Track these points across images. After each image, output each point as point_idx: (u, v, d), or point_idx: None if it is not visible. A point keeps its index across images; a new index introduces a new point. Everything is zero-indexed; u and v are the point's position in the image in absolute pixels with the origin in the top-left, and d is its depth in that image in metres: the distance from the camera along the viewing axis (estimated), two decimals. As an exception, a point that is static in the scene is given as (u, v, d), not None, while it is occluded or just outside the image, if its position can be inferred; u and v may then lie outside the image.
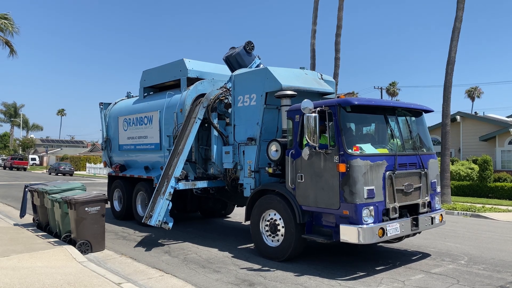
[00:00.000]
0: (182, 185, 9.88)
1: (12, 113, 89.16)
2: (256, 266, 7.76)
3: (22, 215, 11.93)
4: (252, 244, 9.07)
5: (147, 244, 9.77)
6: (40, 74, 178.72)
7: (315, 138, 7.11)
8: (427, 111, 8.62)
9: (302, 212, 7.65)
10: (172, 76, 11.60)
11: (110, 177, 13.83)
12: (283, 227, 7.98)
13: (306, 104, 7.22)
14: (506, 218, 14.60)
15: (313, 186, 7.44)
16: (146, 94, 12.85)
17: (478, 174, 21.82)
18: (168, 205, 9.38)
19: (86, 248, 8.50)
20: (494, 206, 17.32)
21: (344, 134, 7.13)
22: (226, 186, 9.93)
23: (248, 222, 8.87)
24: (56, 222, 9.73)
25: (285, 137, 8.45)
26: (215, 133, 9.88)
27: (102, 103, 14.25)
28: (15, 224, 11.85)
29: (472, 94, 75.96)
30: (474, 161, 23.16)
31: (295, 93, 8.59)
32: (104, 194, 8.93)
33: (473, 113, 34.97)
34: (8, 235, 10.05)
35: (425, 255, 8.56)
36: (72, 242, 8.88)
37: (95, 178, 44.37)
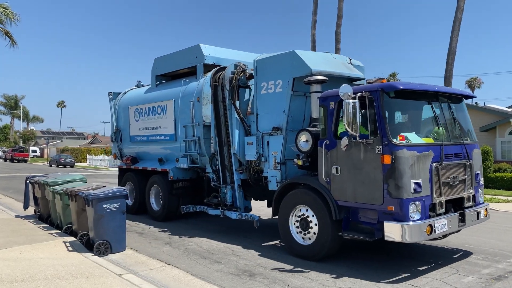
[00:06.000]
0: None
1: (13, 105, 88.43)
2: (256, 257, 7.74)
3: (25, 207, 11.98)
4: (251, 236, 9.12)
5: (148, 235, 9.70)
6: (40, 66, 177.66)
7: (355, 126, 6.48)
8: (468, 97, 7.97)
9: (338, 208, 7.04)
10: (187, 63, 10.94)
11: (121, 170, 13.20)
12: (316, 224, 7.37)
13: (345, 89, 6.58)
14: (506, 208, 14.37)
15: (352, 179, 6.82)
16: (158, 82, 12.19)
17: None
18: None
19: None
20: (494, 197, 17.19)
21: (388, 122, 6.49)
22: (248, 178, 9.30)
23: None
24: (57, 214, 9.69)
25: (315, 126, 7.84)
26: (237, 121, 9.20)
27: (111, 92, 13.60)
28: (16, 216, 11.76)
29: (472, 84, 74.87)
30: (475, 152, 22.50)
31: (326, 78, 7.94)
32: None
33: (473, 103, 34.34)
34: (10, 227, 10.08)
35: (466, 253, 7.96)
36: (73, 234, 8.81)
37: (96, 170, 44.45)
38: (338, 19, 26.60)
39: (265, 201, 10.19)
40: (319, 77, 7.88)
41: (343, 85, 6.67)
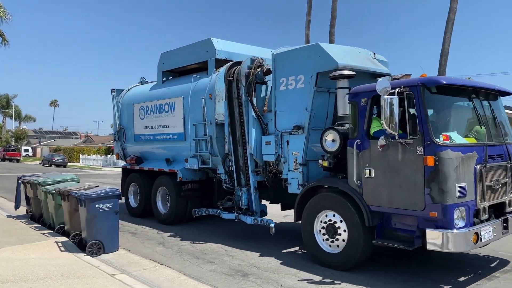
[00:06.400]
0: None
1: (4, 104, 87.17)
2: (249, 257, 7.70)
3: (17, 206, 11.83)
4: (246, 237, 9.13)
5: (141, 235, 9.63)
6: (33, 64, 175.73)
7: (394, 125, 5.92)
8: (508, 94, 7.43)
9: (371, 214, 6.48)
10: (197, 57, 10.33)
11: (125, 170, 12.54)
12: (345, 230, 6.81)
13: (383, 84, 6.03)
14: None
15: (387, 182, 6.26)
16: (164, 79, 11.56)
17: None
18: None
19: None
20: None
21: (429, 120, 5.94)
22: (265, 180, 8.70)
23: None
24: (49, 214, 9.62)
25: (342, 125, 7.29)
26: (254, 119, 8.62)
27: (114, 89, 12.94)
28: (8, 216, 11.62)
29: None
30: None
31: (354, 73, 7.39)
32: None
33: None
34: (1, 227, 9.97)
35: (503, 262, 7.43)
36: (65, 234, 8.74)
37: (89, 169, 44.18)
38: (332, 19, 26.70)
39: (271, 202, 9.62)
40: (346, 72, 7.32)
41: (380, 79, 6.12)
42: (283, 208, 9.64)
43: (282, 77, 8.21)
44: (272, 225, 8.11)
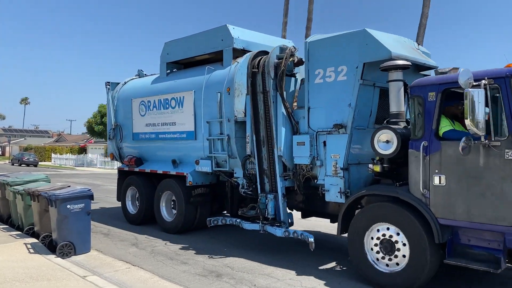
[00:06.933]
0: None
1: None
2: (223, 258, 7.63)
3: None
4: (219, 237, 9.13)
5: (114, 236, 9.45)
6: (1, 60, 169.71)
7: (480, 123, 4.95)
8: None
9: (441, 228, 5.50)
10: (210, 47, 9.17)
11: (122, 172, 11.26)
12: (404, 244, 5.81)
13: (466, 75, 5.05)
14: None
15: (464, 192, 5.30)
16: (168, 71, 10.36)
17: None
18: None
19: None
20: None
21: (521, 118, 5.00)
22: (296, 186, 7.64)
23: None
24: (18, 215, 9.41)
25: (395, 123, 6.31)
26: (284, 116, 7.54)
27: (109, 82, 11.63)
28: None
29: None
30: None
31: (410, 63, 6.42)
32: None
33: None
34: None
35: None
36: (35, 235, 8.54)
37: (61, 169, 43.12)
38: (308, 21, 27.56)
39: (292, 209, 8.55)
40: (401, 62, 6.33)
41: (462, 69, 5.13)
42: (303, 216, 8.58)
43: (318, 68, 7.17)
44: (311, 239, 7.03)
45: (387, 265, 6.00)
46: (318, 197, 7.39)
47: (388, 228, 6.00)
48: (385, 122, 6.70)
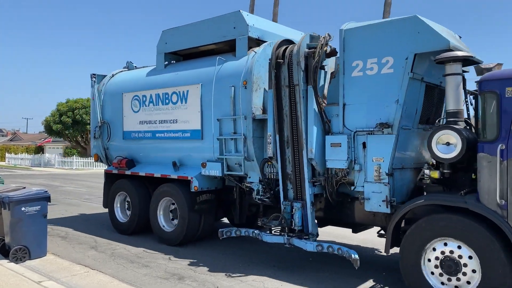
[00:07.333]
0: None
1: None
2: (185, 260, 7.45)
3: None
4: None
5: (72, 239, 9.08)
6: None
7: None
8: None
9: (523, 245, 4.75)
10: (220, 35, 8.16)
11: (109, 176, 10.00)
12: (474, 264, 5.02)
13: None
14: None
15: (556, 203, 4.55)
16: (167, 62, 9.26)
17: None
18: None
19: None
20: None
21: None
22: (328, 194, 6.73)
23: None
24: None
25: (455, 123, 5.55)
26: (315, 114, 6.63)
27: (94, 74, 10.33)
28: None
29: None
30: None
31: (471, 55, 5.67)
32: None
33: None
34: None
35: None
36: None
37: (16, 169, 40.96)
38: (275, 7, 27.85)
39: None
40: (461, 53, 5.58)
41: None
42: (321, 225, 7.67)
43: (357, 59, 6.32)
44: (355, 256, 6.10)
45: (448, 286, 5.19)
46: (346, 205, 6.59)
47: (445, 244, 5.22)
48: (437, 121, 5.96)
